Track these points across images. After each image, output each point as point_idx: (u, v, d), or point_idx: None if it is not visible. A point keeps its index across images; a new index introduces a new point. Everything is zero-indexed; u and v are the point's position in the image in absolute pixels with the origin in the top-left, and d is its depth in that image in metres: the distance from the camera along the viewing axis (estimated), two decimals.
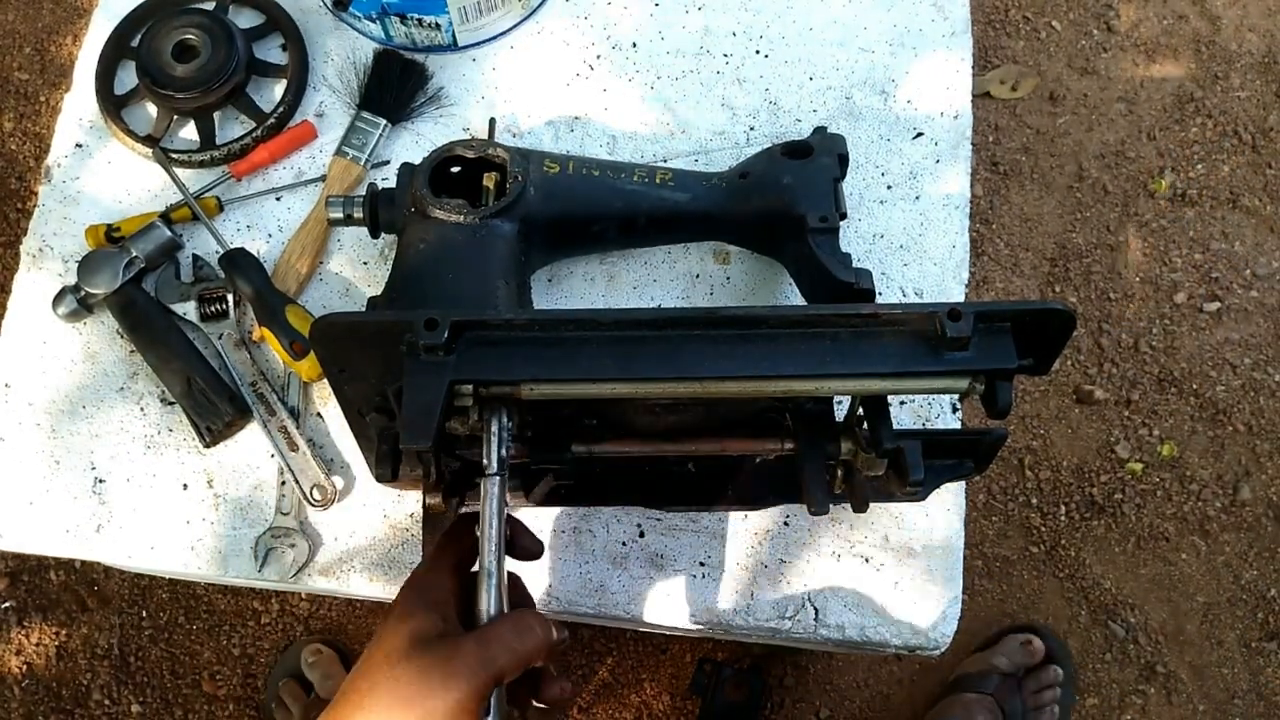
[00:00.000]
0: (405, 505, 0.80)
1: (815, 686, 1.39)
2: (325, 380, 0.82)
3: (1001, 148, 1.65)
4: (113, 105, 0.90)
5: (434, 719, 0.48)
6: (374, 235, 0.80)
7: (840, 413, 0.71)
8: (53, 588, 1.44)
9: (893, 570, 0.78)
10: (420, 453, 0.57)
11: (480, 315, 0.56)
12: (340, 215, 0.79)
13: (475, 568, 0.55)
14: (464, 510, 0.67)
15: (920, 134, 0.90)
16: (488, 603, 0.54)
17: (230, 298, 0.83)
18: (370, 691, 0.51)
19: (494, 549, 0.54)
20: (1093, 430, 1.50)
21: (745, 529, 0.79)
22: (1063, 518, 1.46)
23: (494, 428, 0.56)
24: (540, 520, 0.80)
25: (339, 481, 0.81)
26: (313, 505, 0.79)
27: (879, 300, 0.78)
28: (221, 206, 0.88)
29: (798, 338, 0.57)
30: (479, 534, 0.55)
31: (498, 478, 0.56)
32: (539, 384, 0.57)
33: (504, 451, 0.56)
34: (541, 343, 0.57)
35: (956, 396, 0.79)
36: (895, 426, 0.65)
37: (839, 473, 0.70)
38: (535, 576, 0.79)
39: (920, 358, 0.57)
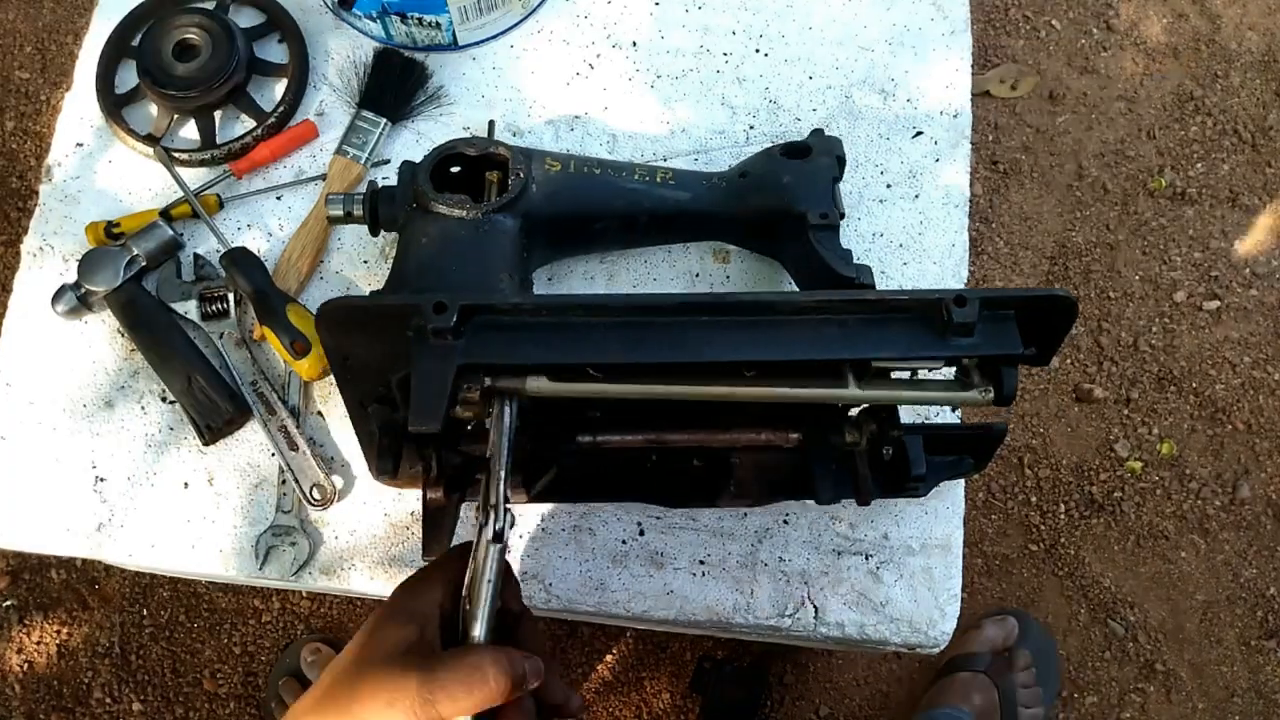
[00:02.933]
0: (406, 503, 0.81)
1: (815, 684, 1.39)
2: (326, 379, 0.83)
3: (1001, 146, 1.65)
4: (113, 104, 0.90)
5: None
6: (374, 233, 0.80)
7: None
8: (54, 586, 1.44)
9: (892, 568, 0.78)
10: (422, 445, 0.57)
11: (489, 299, 0.56)
12: (340, 213, 0.79)
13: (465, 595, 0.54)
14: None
15: (920, 133, 0.90)
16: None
17: (231, 296, 0.83)
18: (330, 688, 0.52)
19: (484, 616, 0.53)
20: (1092, 429, 1.50)
21: (745, 527, 0.79)
22: (1062, 516, 1.46)
23: (495, 494, 0.55)
24: (541, 518, 0.80)
25: (339, 481, 0.81)
26: (312, 505, 0.79)
27: None
28: (222, 205, 0.88)
29: (805, 324, 0.57)
30: (465, 601, 0.53)
31: (497, 546, 0.53)
32: (544, 381, 0.57)
33: (507, 523, 0.54)
34: (550, 327, 0.56)
35: None
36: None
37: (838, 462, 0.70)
38: (536, 576, 0.79)
39: (927, 343, 0.57)
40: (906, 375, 0.61)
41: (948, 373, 0.61)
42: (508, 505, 0.54)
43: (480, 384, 0.56)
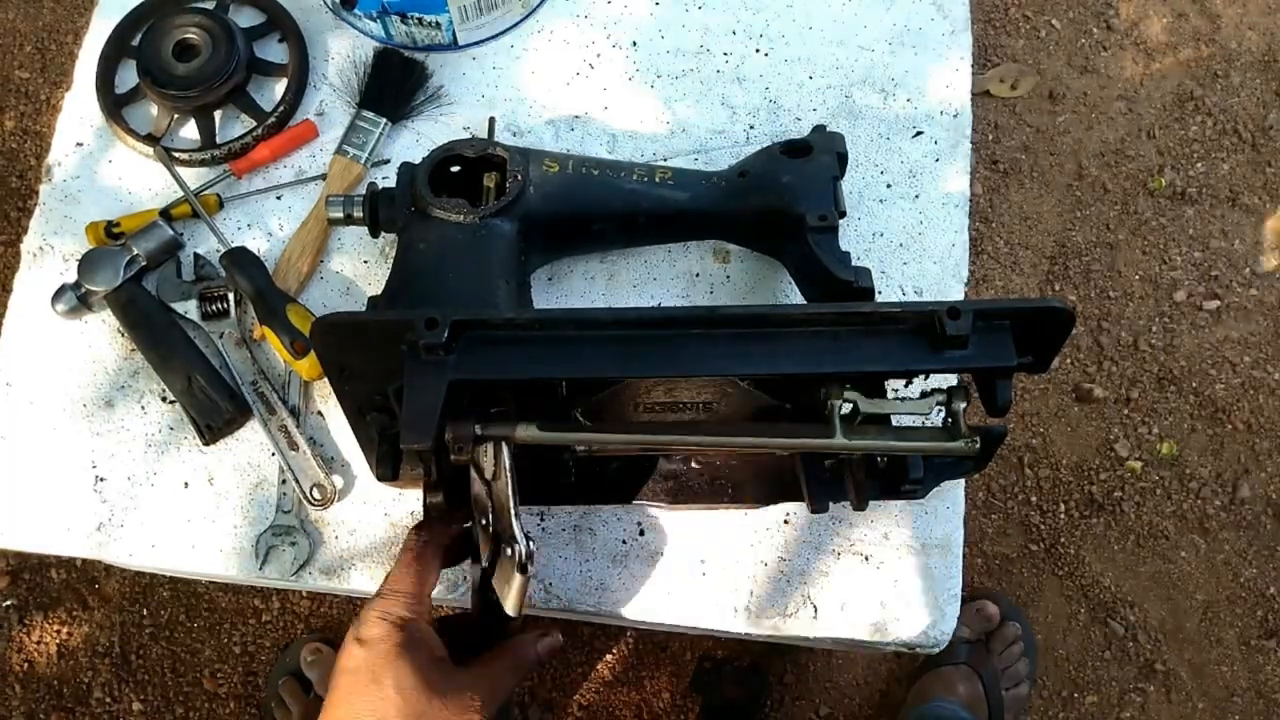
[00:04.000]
0: (406, 504, 0.81)
1: (815, 684, 1.39)
2: (326, 379, 0.83)
3: (1001, 146, 1.65)
4: (113, 104, 0.90)
5: None
6: (374, 235, 0.80)
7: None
8: (54, 586, 1.44)
9: (892, 568, 0.78)
10: (420, 452, 0.57)
11: (481, 315, 0.56)
12: (340, 215, 0.79)
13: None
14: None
15: (920, 132, 0.90)
16: None
17: (231, 296, 0.83)
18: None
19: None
20: (1092, 428, 1.50)
21: (745, 527, 0.79)
22: (1062, 516, 1.46)
23: (516, 528, 0.56)
24: (541, 518, 0.80)
25: (339, 480, 0.81)
26: (313, 504, 0.79)
27: (878, 298, 0.78)
28: (222, 204, 0.88)
29: (798, 336, 0.57)
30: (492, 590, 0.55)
31: (521, 577, 0.56)
32: (534, 430, 0.57)
33: (530, 547, 0.56)
34: (542, 342, 0.57)
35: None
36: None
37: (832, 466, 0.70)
38: (536, 576, 0.79)
39: (920, 356, 0.57)
40: (895, 418, 0.62)
41: (935, 420, 0.62)
42: (528, 533, 0.55)
43: (471, 433, 0.56)
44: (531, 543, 0.55)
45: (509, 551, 0.54)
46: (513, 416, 0.58)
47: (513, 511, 0.55)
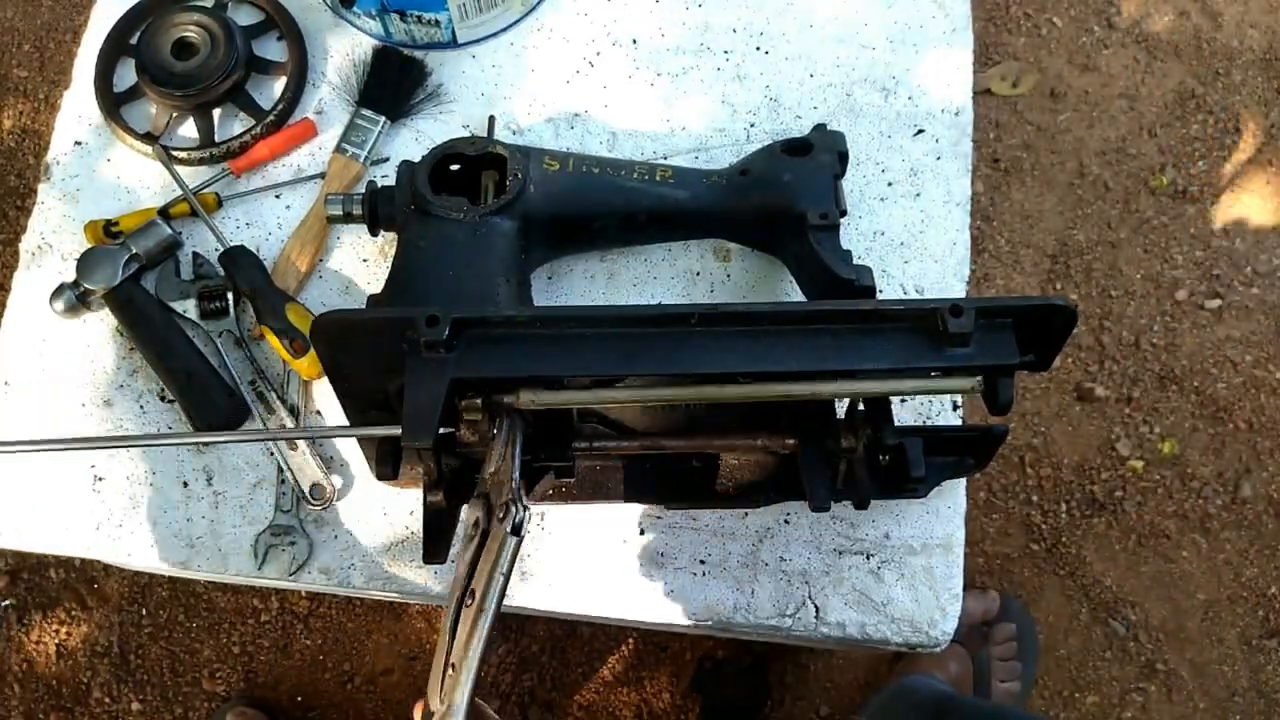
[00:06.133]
0: (405, 503, 0.80)
1: (816, 684, 1.39)
2: (324, 378, 0.82)
3: (1002, 144, 1.64)
4: (112, 102, 0.90)
5: None
6: (373, 233, 0.80)
7: (842, 409, 0.71)
8: (52, 585, 1.44)
9: (893, 568, 0.78)
10: (421, 450, 0.57)
11: (481, 312, 0.56)
12: (339, 213, 0.78)
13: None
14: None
15: (921, 131, 0.90)
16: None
17: (230, 295, 0.83)
18: None
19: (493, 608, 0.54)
20: (1094, 428, 1.50)
21: (745, 526, 0.79)
22: (1063, 515, 1.46)
23: (511, 490, 0.55)
24: (541, 518, 0.80)
25: (338, 480, 0.81)
26: (311, 504, 0.79)
27: (879, 297, 0.78)
28: (221, 203, 0.88)
29: (799, 334, 0.57)
30: (470, 597, 0.54)
31: (515, 539, 0.54)
32: (539, 392, 0.57)
33: (526, 517, 0.55)
34: (543, 340, 0.57)
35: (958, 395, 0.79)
36: (896, 424, 0.65)
37: (841, 468, 0.70)
38: (536, 575, 0.78)
39: (921, 353, 0.57)
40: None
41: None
42: (525, 503, 0.54)
43: (476, 404, 0.56)
44: (527, 510, 0.55)
45: (500, 515, 0.54)
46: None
47: (516, 479, 0.55)
